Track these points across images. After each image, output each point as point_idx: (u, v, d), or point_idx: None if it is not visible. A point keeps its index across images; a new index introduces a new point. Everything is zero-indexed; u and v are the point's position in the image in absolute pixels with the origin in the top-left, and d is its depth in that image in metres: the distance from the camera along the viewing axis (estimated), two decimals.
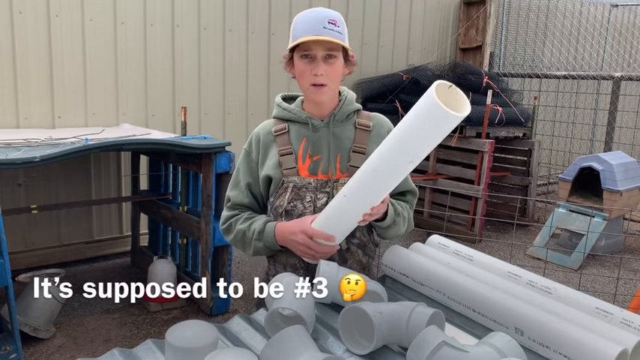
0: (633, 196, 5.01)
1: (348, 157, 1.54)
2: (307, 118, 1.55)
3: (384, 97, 5.61)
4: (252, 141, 1.60)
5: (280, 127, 1.57)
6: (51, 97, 4.08)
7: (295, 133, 1.56)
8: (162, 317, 3.43)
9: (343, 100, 1.59)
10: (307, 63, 1.46)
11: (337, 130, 1.56)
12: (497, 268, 1.51)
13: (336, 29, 1.44)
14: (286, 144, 1.54)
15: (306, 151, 1.53)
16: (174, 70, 4.60)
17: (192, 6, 4.63)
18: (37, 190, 4.08)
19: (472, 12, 6.62)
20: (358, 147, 1.55)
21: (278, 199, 1.53)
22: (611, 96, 6.17)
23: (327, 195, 1.51)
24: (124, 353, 1.14)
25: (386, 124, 1.62)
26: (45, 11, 3.95)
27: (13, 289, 2.63)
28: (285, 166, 1.52)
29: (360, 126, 1.58)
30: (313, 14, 1.46)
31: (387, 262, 1.59)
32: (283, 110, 1.59)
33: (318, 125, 1.55)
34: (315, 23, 1.43)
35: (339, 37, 1.45)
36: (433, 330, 1.07)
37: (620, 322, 1.21)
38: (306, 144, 1.54)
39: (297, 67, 1.49)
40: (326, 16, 1.45)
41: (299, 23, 1.47)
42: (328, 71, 1.47)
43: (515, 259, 4.72)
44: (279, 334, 1.03)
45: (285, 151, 1.53)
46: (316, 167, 1.53)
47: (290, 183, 1.52)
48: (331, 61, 1.47)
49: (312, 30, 1.42)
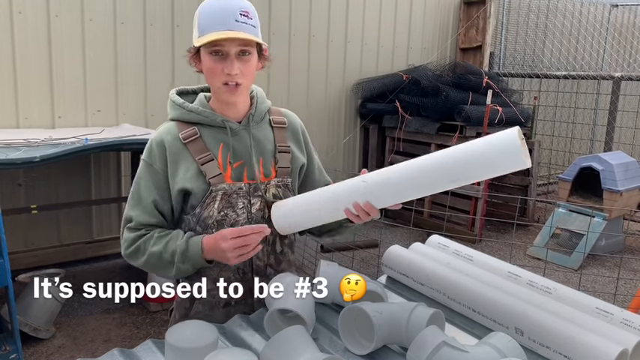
0: (633, 196, 5.00)
1: (273, 159, 1.44)
2: (223, 122, 1.39)
3: (384, 97, 5.60)
4: (152, 150, 1.39)
5: (189, 132, 1.38)
6: (51, 97, 4.08)
7: (210, 138, 1.39)
8: (162, 317, 3.43)
9: (256, 99, 1.46)
10: (218, 60, 1.31)
11: (256, 131, 1.44)
12: (498, 268, 1.51)
13: (249, 22, 1.31)
14: (203, 151, 1.37)
15: (226, 158, 1.39)
16: (174, 70, 4.59)
17: (193, 6, 4.59)
18: (37, 190, 4.07)
19: (472, 12, 6.62)
20: (282, 147, 1.46)
21: (206, 210, 1.37)
22: (611, 96, 6.17)
23: (261, 199, 1.40)
24: (124, 353, 1.14)
25: (296, 120, 1.55)
26: (45, 11, 3.95)
27: (13, 289, 2.63)
28: (210, 175, 1.36)
29: (276, 124, 1.48)
30: (222, 4, 1.30)
31: (387, 262, 1.59)
32: (189, 112, 1.40)
33: (236, 129, 1.41)
34: (226, 15, 1.28)
35: (252, 31, 1.31)
36: (433, 330, 1.07)
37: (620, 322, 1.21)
38: (225, 149, 1.39)
39: (206, 63, 1.34)
40: (237, 6, 1.30)
41: (206, 14, 1.32)
42: (242, 69, 1.32)
43: (515, 259, 4.72)
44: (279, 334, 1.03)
45: (205, 158, 1.36)
46: (240, 174, 1.40)
47: (219, 191, 1.36)
48: (245, 58, 1.33)
49: (223, 23, 1.28)
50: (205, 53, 1.34)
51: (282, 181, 1.45)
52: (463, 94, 5.27)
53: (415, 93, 5.44)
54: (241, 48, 1.31)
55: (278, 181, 1.44)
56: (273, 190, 1.43)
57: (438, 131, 5.36)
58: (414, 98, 5.39)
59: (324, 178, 1.60)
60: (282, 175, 1.45)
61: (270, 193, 1.43)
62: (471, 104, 5.18)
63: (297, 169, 1.50)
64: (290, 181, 1.47)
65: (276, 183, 1.44)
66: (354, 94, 5.84)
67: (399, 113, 5.47)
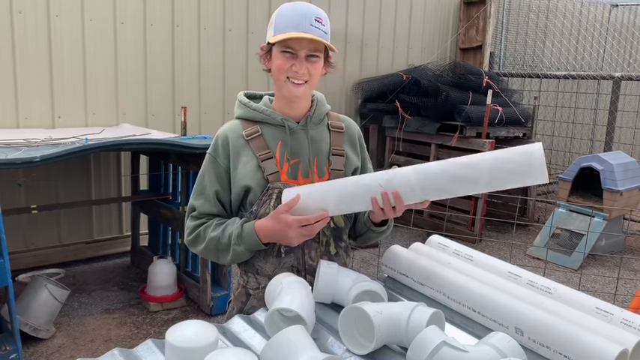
0: (633, 196, 5.01)
1: (327, 161, 1.50)
2: (283, 120, 1.47)
3: (384, 97, 5.60)
4: (217, 146, 1.49)
5: (252, 130, 1.47)
6: (51, 97, 4.08)
7: (270, 137, 1.47)
8: (162, 317, 3.44)
9: (316, 102, 1.53)
10: (288, 59, 1.39)
11: (313, 132, 1.51)
12: (498, 268, 1.51)
13: (322, 28, 1.38)
14: (263, 148, 1.45)
15: (283, 155, 1.46)
16: (174, 70, 4.60)
17: (192, 6, 4.63)
18: (37, 190, 4.08)
19: (472, 12, 6.62)
20: (337, 150, 1.52)
21: (262, 207, 1.44)
22: (611, 96, 6.17)
23: None
24: (124, 353, 1.14)
25: (354, 126, 1.62)
26: (45, 11, 3.95)
27: (13, 289, 2.63)
28: (269, 172, 1.44)
29: (334, 128, 1.55)
30: (300, 9, 1.38)
31: (387, 262, 1.59)
32: (253, 111, 1.49)
33: (294, 128, 1.49)
34: (302, 19, 1.36)
35: (324, 36, 1.39)
36: (433, 330, 1.07)
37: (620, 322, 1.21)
38: (283, 147, 1.47)
39: (276, 61, 1.41)
40: (313, 13, 1.38)
41: (283, 17, 1.39)
42: (310, 69, 1.41)
43: (516, 259, 4.72)
44: (280, 334, 1.03)
45: (265, 155, 1.45)
46: (295, 171, 1.47)
47: (275, 189, 1.43)
48: (313, 60, 1.41)
49: (299, 26, 1.35)
50: (277, 51, 1.41)
51: None
52: (463, 94, 5.27)
53: (415, 93, 5.44)
54: (312, 52, 1.40)
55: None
56: None
57: (438, 131, 5.36)
58: (414, 98, 5.39)
59: None
60: (335, 177, 1.49)
61: None
62: (471, 104, 5.18)
63: (351, 172, 1.55)
64: None
65: None
66: (354, 94, 5.84)
67: (399, 113, 5.47)
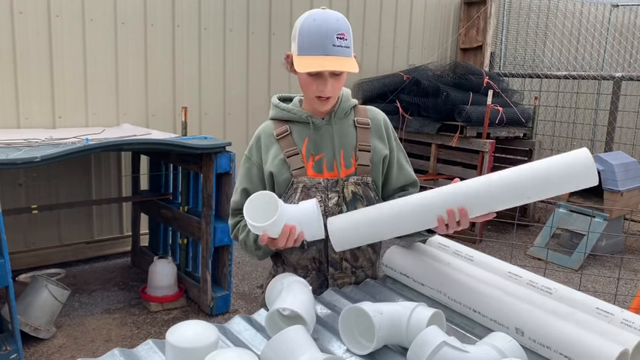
0: (634, 197, 5.01)
1: (354, 155, 1.54)
2: (308, 117, 1.55)
3: (385, 97, 5.60)
4: (252, 145, 1.61)
5: (282, 129, 1.56)
6: (51, 97, 4.08)
7: (297, 134, 1.56)
8: (163, 317, 3.44)
9: (341, 97, 1.58)
10: (313, 79, 1.45)
11: (338, 127, 1.57)
12: (498, 268, 1.51)
13: (344, 44, 1.41)
14: (291, 145, 1.54)
15: (309, 150, 1.54)
16: (175, 70, 4.60)
17: (193, 6, 4.63)
18: (38, 190, 4.08)
19: (472, 12, 6.62)
20: (363, 145, 1.55)
21: (288, 200, 1.52)
22: (612, 96, 6.17)
23: (338, 194, 1.51)
24: (125, 353, 1.14)
25: (380, 115, 1.64)
26: (45, 11, 3.95)
27: (13, 289, 2.63)
28: (294, 167, 1.52)
29: (360, 124, 1.58)
30: (321, 27, 1.39)
31: (387, 262, 1.59)
32: (282, 111, 1.58)
33: (319, 124, 1.55)
34: (325, 40, 1.38)
35: (347, 52, 1.42)
36: (433, 330, 1.07)
37: (620, 322, 1.21)
38: (309, 143, 1.55)
39: (302, 77, 1.48)
40: (334, 29, 1.39)
41: (305, 35, 1.41)
42: (334, 85, 1.47)
43: (516, 259, 4.72)
44: (280, 334, 1.03)
45: (291, 152, 1.53)
46: (320, 165, 1.53)
47: (300, 183, 1.51)
48: (337, 77, 1.47)
49: (322, 47, 1.38)
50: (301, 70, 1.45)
51: (362, 179, 1.54)
52: (464, 94, 5.27)
53: (416, 93, 5.44)
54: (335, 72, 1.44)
55: (357, 179, 1.53)
56: (352, 188, 1.52)
57: (439, 131, 5.36)
58: (415, 98, 5.39)
59: (404, 176, 1.63)
60: (361, 173, 1.54)
61: (349, 190, 1.51)
62: (472, 104, 5.18)
63: (380, 161, 1.57)
64: (370, 180, 1.55)
65: (355, 180, 1.52)
66: (354, 94, 5.84)
67: (399, 113, 5.47)
